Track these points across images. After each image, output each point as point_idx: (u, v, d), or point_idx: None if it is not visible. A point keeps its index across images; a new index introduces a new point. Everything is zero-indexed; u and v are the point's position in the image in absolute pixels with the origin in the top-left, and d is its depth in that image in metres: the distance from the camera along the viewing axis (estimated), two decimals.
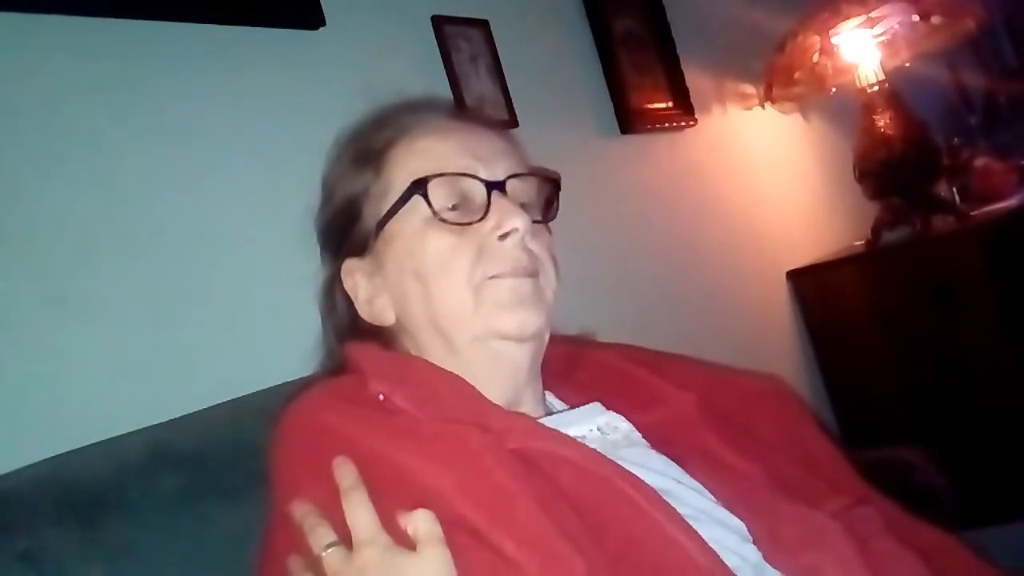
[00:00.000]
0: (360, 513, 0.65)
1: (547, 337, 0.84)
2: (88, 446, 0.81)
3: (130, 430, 0.85)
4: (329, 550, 0.64)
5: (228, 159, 1.12)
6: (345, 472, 0.67)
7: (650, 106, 1.94)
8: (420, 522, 0.63)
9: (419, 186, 0.78)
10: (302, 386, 0.77)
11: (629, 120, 1.85)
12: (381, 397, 0.72)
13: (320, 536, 0.65)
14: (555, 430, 0.75)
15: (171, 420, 0.87)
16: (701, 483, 0.78)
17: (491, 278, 0.78)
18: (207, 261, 1.06)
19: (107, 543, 0.72)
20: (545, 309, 0.80)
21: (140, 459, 0.79)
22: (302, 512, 0.67)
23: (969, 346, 2.02)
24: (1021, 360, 2.00)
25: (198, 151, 1.09)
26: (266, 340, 1.08)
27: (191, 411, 0.90)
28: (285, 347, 0.99)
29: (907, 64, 2.31)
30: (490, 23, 1.56)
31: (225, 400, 0.93)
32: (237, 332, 1.06)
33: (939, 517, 0.87)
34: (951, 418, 2.03)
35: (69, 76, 0.98)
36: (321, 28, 1.26)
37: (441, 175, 0.79)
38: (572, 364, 0.91)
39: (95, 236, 0.96)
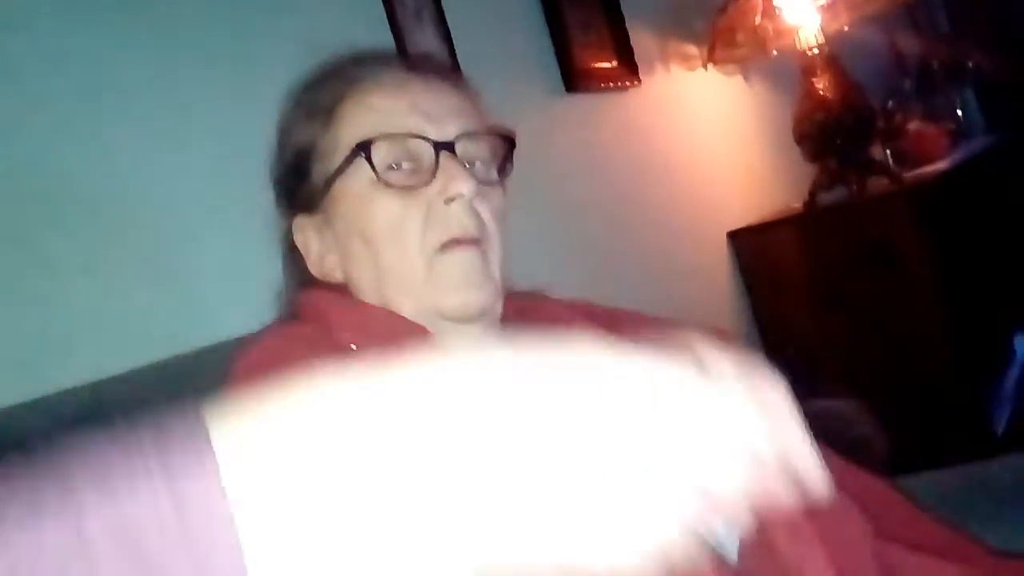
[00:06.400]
0: None
1: (498, 308, 0.81)
2: (22, 404, 0.78)
3: (65, 388, 0.82)
4: None
5: (168, 116, 1.08)
6: None
7: (595, 65, 1.93)
8: None
9: (363, 148, 0.75)
10: (255, 335, 0.75)
11: (575, 79, 1.84)
12: (353, 347, 0.70)
13: None
14: None
15: (110, 377, 0.85)
16: None
17: (441, 249, 0.75)
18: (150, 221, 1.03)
19: None
20: (492, 286, 0.78)
21: (76, 417, 0.76)
22: None
23: (902, 304, 2.09)
24: (951, 317, 2.07)
25: (135, 108, 1.05)
26: (208, 297, 1.06)
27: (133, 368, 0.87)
28: (229, 304, 0.97)
29: (845, 28, 2.34)
30: None
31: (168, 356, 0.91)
32: (177, 288, 1.04)
33: (874, 465, 0.91)
34: (885, 374, 2.10)
35: None
36: None
37: (387, 136, 0.76)
38: (525, 319, 0.91)
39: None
